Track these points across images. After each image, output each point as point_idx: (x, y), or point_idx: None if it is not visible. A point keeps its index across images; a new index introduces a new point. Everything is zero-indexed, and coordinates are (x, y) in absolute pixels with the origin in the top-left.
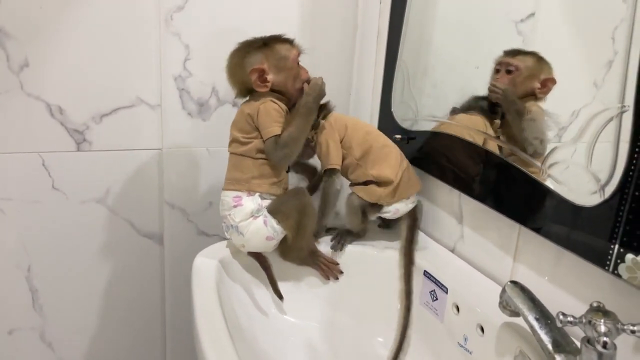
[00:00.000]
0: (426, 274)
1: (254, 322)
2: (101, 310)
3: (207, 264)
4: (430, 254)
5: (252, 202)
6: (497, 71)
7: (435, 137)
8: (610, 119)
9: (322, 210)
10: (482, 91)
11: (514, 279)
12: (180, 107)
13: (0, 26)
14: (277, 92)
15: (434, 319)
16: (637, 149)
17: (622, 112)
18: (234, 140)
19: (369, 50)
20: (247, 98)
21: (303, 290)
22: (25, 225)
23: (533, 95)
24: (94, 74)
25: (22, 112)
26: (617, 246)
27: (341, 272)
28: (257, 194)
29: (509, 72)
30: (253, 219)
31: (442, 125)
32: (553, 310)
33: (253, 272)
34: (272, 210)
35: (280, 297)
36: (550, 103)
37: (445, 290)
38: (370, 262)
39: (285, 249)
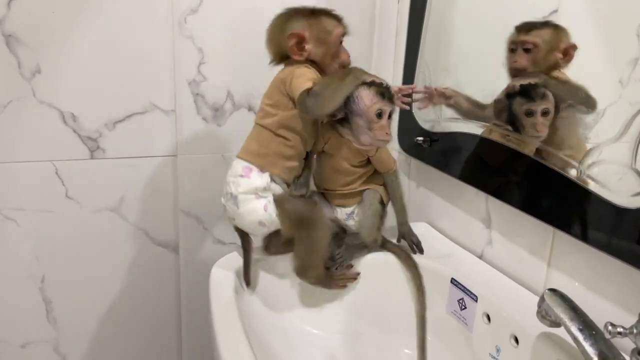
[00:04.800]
0: (453, 281)
1: (273, 334)
2: (116, 322)
3: (224, 275)
4: (456, 261)
5: (260, 179)
6: (512, 50)
7: (460, 138)
8: None
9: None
10: None
11: (548, 286)
12: (195, 112)
13: (12, 32)
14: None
15: (463, 329)
16: None
17: None
18: (261, 110)
19: (388, 51)
20: (282, 67)
21: (324, 300)
22: (38, 236)
23: (556, 68)
24: (107, 80)
25: (34, 119)
26: None
27: (358, 274)
28: (268, 173)
29: (526, 50)
30: (255, 197)
31: (467, 125)
32: (593, 319)
33: (271, 282)
34: (277, 200)
35: (248, 283)
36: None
37: (475, 298)
38: (394, 270)
39: (300, 267)
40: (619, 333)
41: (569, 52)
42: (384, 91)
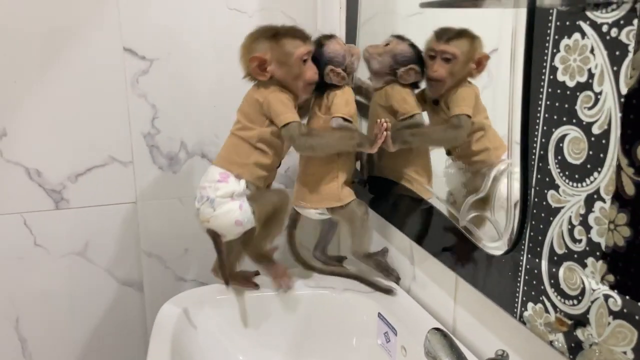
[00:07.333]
0: (380, 316)
1: None
2: (88, 354)
3: (171, 312)
4: (387, 295)
5: (237, 185)
6: (431, 57)
7: (382, 182)
8: (504, 171)
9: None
10: None
11: (457, 322)
12: (151, 162)
13: None
14: (280, 83)
15: None
16: (526, 202)
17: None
18: (238, 122)
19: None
20: (256, 82)
21: (264, 339)
22: (11, 280)
23: (470, 76)
24: (68, 138)
25: (3, 177)
26: (520, 294)
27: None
28: (244, 180)
29: (446, 59)
30: (231, 199)
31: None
32: (485, 353)
33: (218, 320)
34: (251, 198)
35: (227, 283)
36: None
37: (395, 332)
38: (330, 305)
39: (247, 239)
40: None
41: (482, 62)
42: None
